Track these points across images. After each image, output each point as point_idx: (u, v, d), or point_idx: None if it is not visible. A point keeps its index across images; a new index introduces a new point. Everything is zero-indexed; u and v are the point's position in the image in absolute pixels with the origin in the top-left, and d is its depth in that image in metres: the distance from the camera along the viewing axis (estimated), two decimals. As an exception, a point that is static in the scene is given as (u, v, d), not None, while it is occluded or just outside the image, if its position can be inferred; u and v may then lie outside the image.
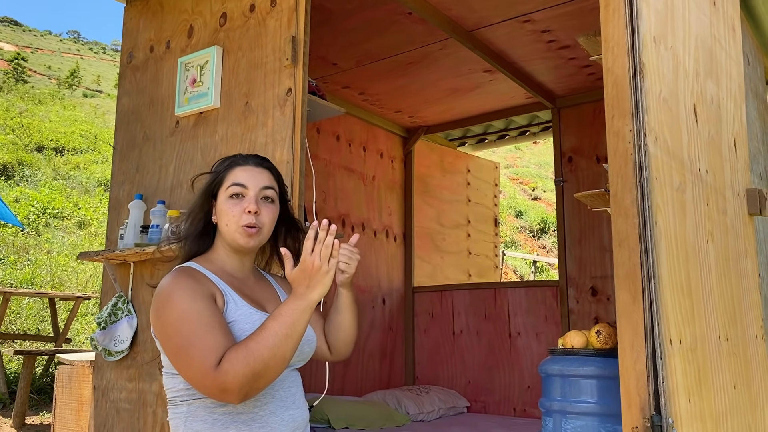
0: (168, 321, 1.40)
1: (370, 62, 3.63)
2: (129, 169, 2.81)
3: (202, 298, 1.43)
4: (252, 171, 1.62)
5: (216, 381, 1.31)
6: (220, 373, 1.31)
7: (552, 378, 1.87)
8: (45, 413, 5.25)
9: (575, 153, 4.07)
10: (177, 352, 1.38)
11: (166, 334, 1.41)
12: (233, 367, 1.31)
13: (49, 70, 28.66)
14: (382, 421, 3.08)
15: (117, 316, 2.60)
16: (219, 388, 1.32)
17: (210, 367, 1.32)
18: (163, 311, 1.42)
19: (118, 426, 2.59)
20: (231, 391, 1.31)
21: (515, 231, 13.90)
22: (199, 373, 1.33)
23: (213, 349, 1.34)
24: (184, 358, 1.37)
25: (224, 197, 1.59)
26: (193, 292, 1.42)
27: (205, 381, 1.33)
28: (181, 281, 1.46)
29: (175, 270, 1.53)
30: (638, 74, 1.58)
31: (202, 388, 1.35)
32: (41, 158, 13.06)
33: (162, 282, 1.49)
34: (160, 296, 1.46)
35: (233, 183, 1.59)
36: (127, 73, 2.95)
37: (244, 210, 1.56)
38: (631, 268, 1.50)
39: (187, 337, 1.36)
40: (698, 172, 1.89)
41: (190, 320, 1.38)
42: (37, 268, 8.23)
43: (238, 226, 1.56)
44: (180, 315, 1.39)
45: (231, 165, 1.64)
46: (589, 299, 3.84)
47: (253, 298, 1.59)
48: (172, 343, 1.39)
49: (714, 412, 1.72)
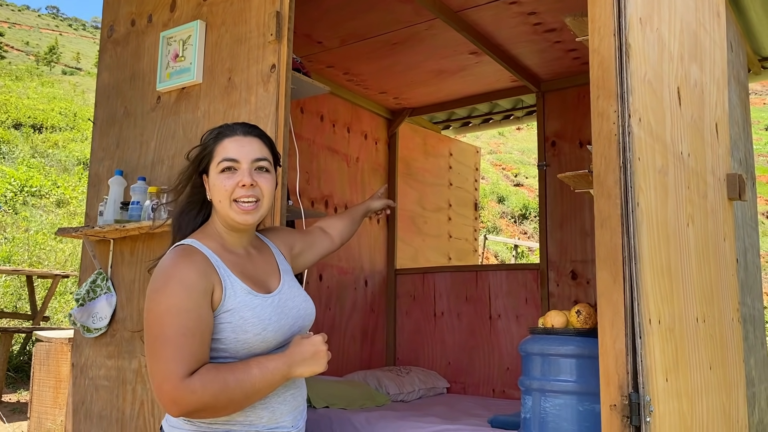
0: (155, 309, 1.38)
1: (355, 41, 3.60)
2: (109, 145, 2.77)
3: (197, 298, 1.40)
4: (241, 141, 1.56)
5: (176, 391, 1.32)
6: (185, 387, 1.32)
7: (532, 357, 1.89)
8: (22, 391, 5.21)
9: (558, 137, 4.09)
10: (152, 342, 1.37)
11: (148, 321, 1.40)
12: (202, 389, 1.33)
13: (27, 46, 28.10)
14: (362, 401, 3.10)
15: (95, 293, 2.58)
16: (173, 399, 1.32)
17: (175, 375, 1.32)
18: (155, 296, 1.40)
19: (97, 403, 2.58)
20: (183, 407, 1.33)
21: (497, 216, 13.97)
22: (163, 374, 1.33)
23: (184, 359, 1.34)
24: (154, 353, 1.36)
25: (215, 172, 1.54)
26: (189, 287, 1.40)
27: (164, 385, 1.33)
28: (181, 268, 1.42)
29: (177, 249, 1.48)
30: (624, 55, 1.58)
31: (156, 387, 1.34)
32: (18, 135, 12.85)
33: (163, 261, 1.46)
34: (158, 278, 1.43)
35: (223, 158, 1.53)
36: (107, 47, 2.89)
37: (237, 184, 1.52)
38: (612, 249, 1.51)
39: (165, 335, 1.36)
40: (680, 155, 1.90)
41: (173, 318, 1.36)
42: (15, 246, 8.12)
43: (231, 202, 1.52)
44: (168, 309, 1.37)
45: (218, 137, 1.58)
46: (569, 282, 3.87)
47: (255, 277, 1.56)
48: (151, 332, 1.38)
49: (690, 391, 1.75)
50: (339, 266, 4.10)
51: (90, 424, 2.59)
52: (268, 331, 1.48)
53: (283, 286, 1.61)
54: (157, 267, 1.46)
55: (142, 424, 2.41)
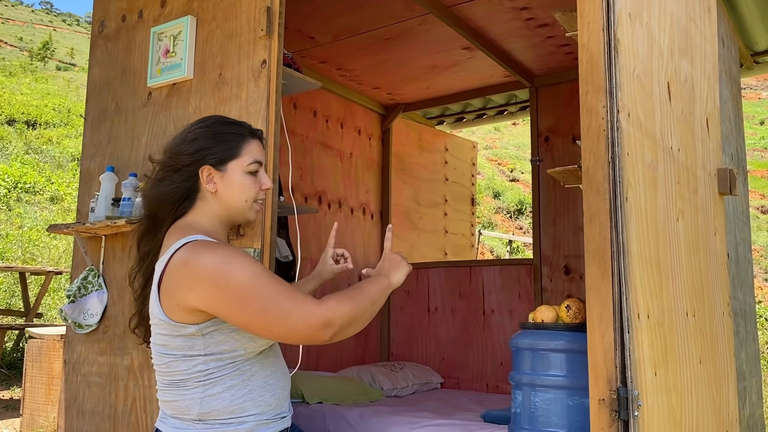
0: (241, 288, 1.39)
1: (348, 36, 3.59)
2: (100, 141, 2.76)
3: (254, 259, 1.47)
4: (260, 145, 1.67)
5: (323, 316, 1.38)
6: (326, 307, 1.40)
7: (522, 352, 1.89)
8: (15, 388, 5.20)
9: (552, 132, 4.09)
10: (265, 312, 1.39)
11: (241, 301, 1.39)
12: (341, 305, 1.42)
13: (20, 41, 27.97)
14: (356, 396, 3.10)
15: (87, 289, 2.57)
16: (324, 323, 1.38)
17: (313, 307, 1.39)
18: (228, 281, 1.40)
19: (89, 400, 2.58)
20: (334, 324, 1.39)
21: (492, 211, 13.98)
22: (302, 316, 1.38)
23: (302, 295, 1.42)
24: (277, 314, 1.39)
25: (241, 171, 1.60)
26: (243, 255, 1.45)
27: (309, 321, 1.38)
28: (222, 248, 1.46)
29: (195, 243, 1.47)
30: (613, 50, 1.58)
31: (303, 329, 1.39)
32: (12, 131, 12.80)
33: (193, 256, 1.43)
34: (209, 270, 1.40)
35: (255, 160, 1.62)
36: (98, 42, 2.88)
37: (261, 187, 1.63)
38: (600, 243, 1.51)
39: (271, 296, 1.39)
40: (670, 150, 1.91)
41: (264, 281, 1.41)
42: (8, 242, 8.10)
43: (253, 203, 1.62)
44: (252, 279, 1.40)
45: (247, 135, 1.64)
46: (562, 277, 3.88)
47: None
48: (255, 305, 1.39)
49: (679, 385, 1.76)
50: (333, 262, 4.09)
51: (82, 420, 2.59)
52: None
53: None
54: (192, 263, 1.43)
55: (134, 421, 2.41)
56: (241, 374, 1.49)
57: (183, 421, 1.49)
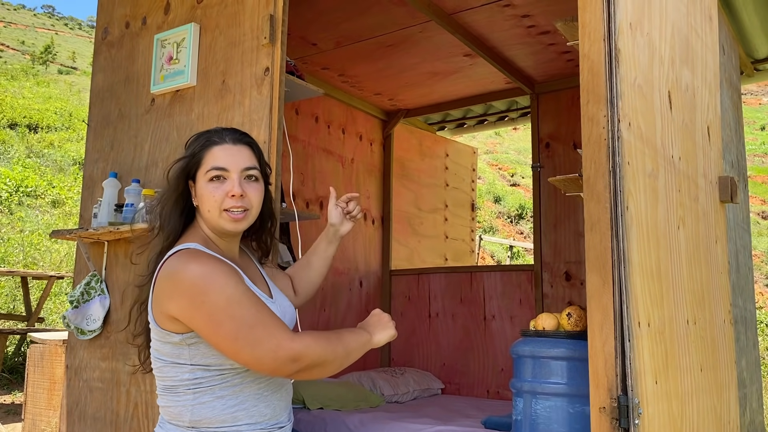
0: (216, 308, 1.35)
1: (350, 43, 3.60)
2: (103, 147, 2.77)
3: (240, 280, 1.41)
4: (231, 150, 1.52)
5: (294, 351, 1.34)
6: (300, 342, 1.35)
7: (523, 359, 1.90)
8: (17, 392, 5.20)
9: (552, 139, 4.10)
10: (235, 336, 1.34)
11: (214, 321, 1.35)
12: (315, 345, 1.37)
13: (22, 45, 28.04)
14: (356, 402, 3.11)
15: (90, 295, 2.58)
16: (292, 357, 1.34)
17: (286, 339, 1.35)
18: (204, 298, 1.36)
19: (91, 405, 2.58)
20: (301, 361, 1.35)
21: (493, 216, 13.98)
22: (271, 348, 1.34)
23: (278, 324, 1.37)
24: (246, 340, 1.34)
25: (203, 181, 1.51)
26: (227, 274, 1.39)
27: (278, 353, 1.34)
28: (207, 263, 1.39)
29: (183, 253, 1.44)
30: (614, 60, 1.59)
31: (270, 361, 1.35)
32: (14, 135, 12.82)
33: (177, 267, 1.41)
34: (189, 283, 1.37)
35: (212, 167, 1.50)
36: (102, 49, 2.90)
37: (227, 194, 1.49)
38: (601, 252, 1.52)
39: (244, 320, 1.35)
40: (671, 159, 1.91)
41: (241, 304, 1.36)
42: (10, 246, 8.11)
43: (221, 211, 1.49)
44: (229, 300, 1.35)
45: (207, 144, 1.53)
46: (563, 284, 3.89)
47: (253, 281, 1.57)
48: (227, 328, 1.35)
49: (680, 393, 1.76)
50: (334, 267, 4.11)
51: (84, 425, 2.59)
52: None
53: (274, 291, 1.64)
54: (173, 274, 1.40)
55: (136, 426, 2.42)
56: (232, 386, 1.45)
57: (178, 427, 1.47)
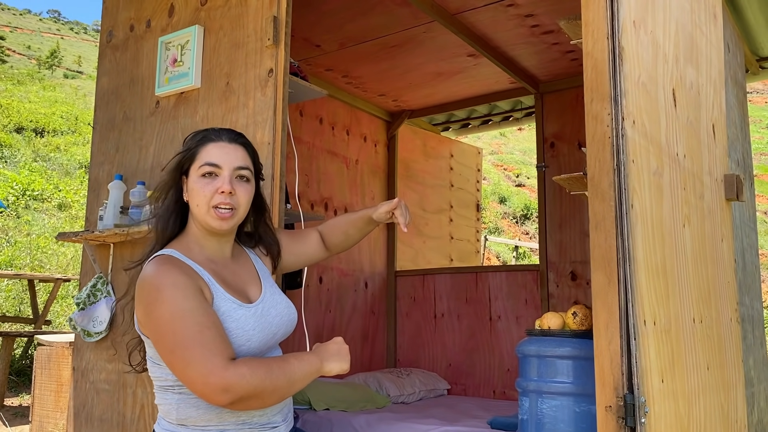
0: (161, 320, 1.36)
1: (354, 44, 3.61)
2: (109, 150, 2.78)
3: (194, 296, 1.38)
4: (226, 148, 1.55)
5: (224, 380, 1.29)
6: (234, 371, 1.30)
7: (529, 358, 1.89)
8: (24, 395, 5.23)
9: (557, 138, 4.09)
10: (172, 351, 1.34)
11: (158, 333, 1.37)
12: (251, 376, 1.31)
13: (28, 50, 28.17)
14: (362, 403, 3.11)
15: (96, 297, 2.59)
16: (223, 387, 1.29)
17: (217, 366, 1.30)
18: (154, 308, 1.37)
19: (98, 407, 2.59)
20: (232, 392, 1.30)
21: (498, 217, 13.97)
22: (202, 372, 1.30)
23: (217, 349, 1.32)
24: (181, 359, 1.33)
25: (196, 176, 1.53)
26: (183, 289, 1.38)
27: (208, 379, 1.29)
28: (169, 275, 1.39)
29: (157, 259, 1.46)
30: (617, 58, 1.59)
31: (200, 386, 1.31)
32: (21, 139, 12.89)
33: (146, 273, 1.43)
34: (147, 290, 1.40)
35: (205, 162, 1.52)
36: (106, 52, 2.91)
37: (216, 190, 1.51)
38: (606, 250, 1.52)
39: (183, 339, 1.33)
40: (676, 157, 1.91)
41: (184, 321, 1.34)
42: (17, 249, 8.14)
43: (209, 208, 1.50)
44: (173, 315, 1.34)
45: (203, 140, 1.56)
46: (568, 283, 3.88)
47: (234, 285, 1.56)
48: (166, 341, 1.35)
49: (686, 392, 1.76)
50: (339, 268, 4.11)
51: (91, 427, 2.60)
52: (252, 341, 1.48)
53: (264, 295, 1.60)
54: (141, 280, 1.43)
55: (142, 428, 2.42)
56: None
57: (171, 423, 1.48)
